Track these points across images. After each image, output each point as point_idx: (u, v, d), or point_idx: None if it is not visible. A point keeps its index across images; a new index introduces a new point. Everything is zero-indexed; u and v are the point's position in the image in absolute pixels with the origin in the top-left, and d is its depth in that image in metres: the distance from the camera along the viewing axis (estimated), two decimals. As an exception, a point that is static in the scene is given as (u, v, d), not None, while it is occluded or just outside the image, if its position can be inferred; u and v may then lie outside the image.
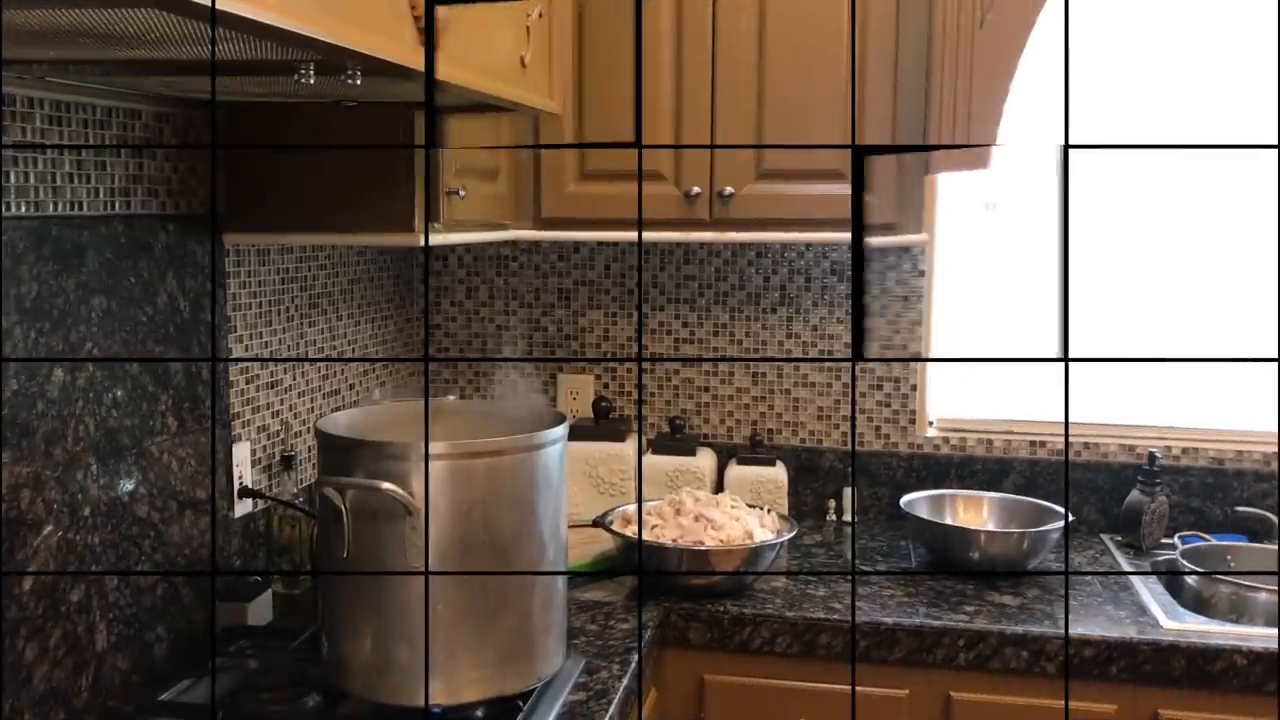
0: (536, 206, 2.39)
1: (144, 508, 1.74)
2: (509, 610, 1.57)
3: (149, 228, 1.74)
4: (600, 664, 1.82)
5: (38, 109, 1.52)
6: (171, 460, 1.81)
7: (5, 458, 1.45)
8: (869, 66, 2.27)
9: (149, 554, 1.75)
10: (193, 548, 1.87)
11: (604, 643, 1.91)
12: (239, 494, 2.00)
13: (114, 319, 1.66)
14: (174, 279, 1.80)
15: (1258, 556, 2.38)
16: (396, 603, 1.52)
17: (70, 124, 1.58)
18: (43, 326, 1.52)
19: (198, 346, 1.87)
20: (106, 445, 1.65)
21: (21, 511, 1.48)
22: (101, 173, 1.65)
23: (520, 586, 1.58)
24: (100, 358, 1.61)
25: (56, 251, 1.55)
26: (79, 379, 1.59)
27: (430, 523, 1.49)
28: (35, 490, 1.51)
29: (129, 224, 1.70)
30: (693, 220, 2.35)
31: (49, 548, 1.53)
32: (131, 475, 1.70)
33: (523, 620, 1.59)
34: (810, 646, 2.04)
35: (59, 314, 1.55)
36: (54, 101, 1.55)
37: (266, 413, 2.11)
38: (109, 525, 1.66)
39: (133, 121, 1.71)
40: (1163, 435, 2.58)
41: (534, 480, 1.59)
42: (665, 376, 2.77)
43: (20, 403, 1.48)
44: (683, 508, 2.22)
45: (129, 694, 1.68)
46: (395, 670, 1.54)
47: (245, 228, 1.93)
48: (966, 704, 2.02)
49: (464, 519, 1.52)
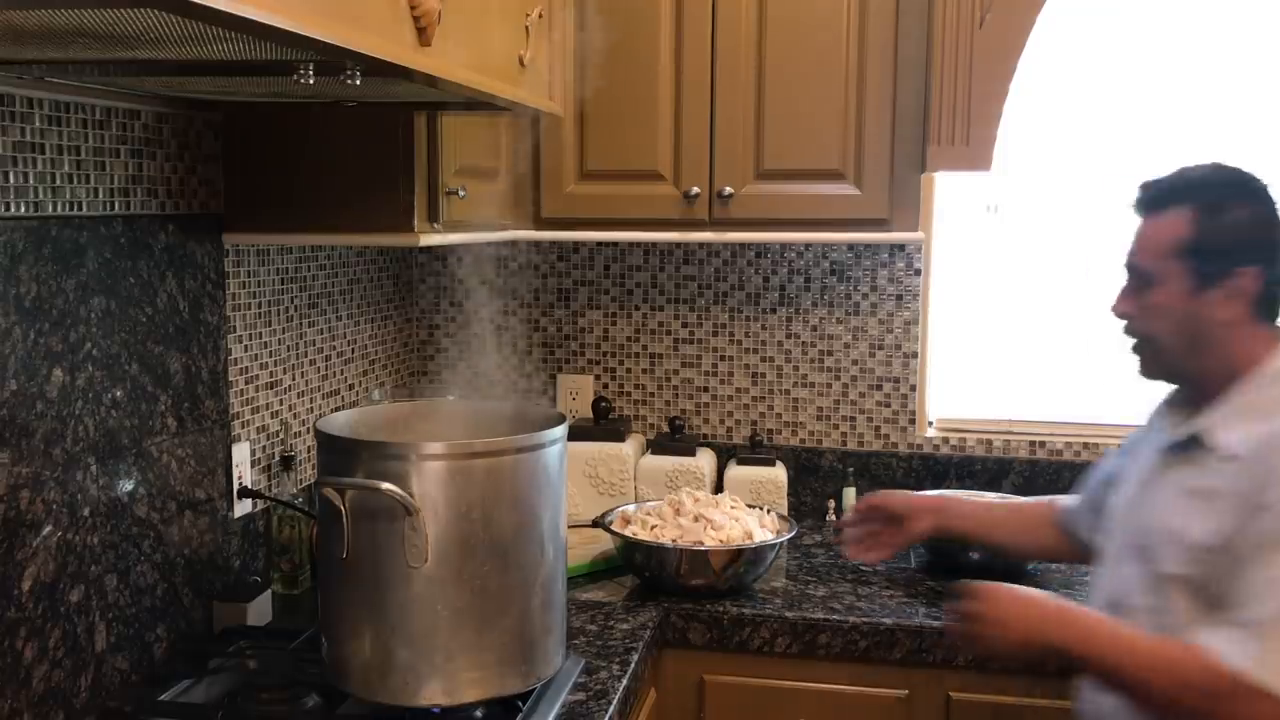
0: (536, 206, 2.39)
1: (144, 508, 1.74)
2: (509, 610, 1.57)
3: (149, 228, 1.74)
4: (600, 664, 1.82)
5: (37, 109, 1.52)
6: (171, 460, 1.81)
7: (5, 458, 1.46)
8: (869, 67, 2.27)
9: (148, 554, 1.75)
10: (192, 548, 1.87)
11: (604, 643, 1.91)
12: (239, 494, 2.00)
13: (114, 319, 1.66)
14: (174, 279, 1.80)
15: None
16: (396, 603, 1.52)
17: (70, 124, 1.58)
18: (42, 326, 1.52)
19: (197, 346, 1.87)
20: (106, 445, 1.65)
21: (21, 511, 1.48)
22: (101, 173, 1.65)
23: (520, 587, 1.58)
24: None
25: (56, 251, 1.55)
26: (79, 379, 1.59)
27: (430, 523, 1.49)
28: (35, 490, 1.51)
29: (129, 224, 1.70)
30: (693, 220, 2.35)
31: (48, 548, 1.53)
32: (131, 475, 1.71)
33: (523, 620, 1.59)
34: (810, 646, 2.04)
35: (59, 314, 1.55)
36: (54, 101, 1.55)
37: (266, 413, 2.11)
38: (109, 525, 1.65)
39: (133, 121, 1.71)
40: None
41: (534, 480, 1.59)
42: (665, 376, 2.77)
43: (20, 403, 1.48)
44: (682, 508, 2.22)
45: (129, 694, 1.67)
46: (395, 670, 1.54)
47: (245, 228, 1.94)
48: (966, 704, 2.02)
49: (464, 519, 1.52)
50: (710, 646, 2.08)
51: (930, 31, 2.22)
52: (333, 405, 2.37)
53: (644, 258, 2.76)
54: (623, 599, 2.13)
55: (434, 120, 1.89)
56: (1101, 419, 2.62)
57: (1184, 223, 1.59)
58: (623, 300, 2.78)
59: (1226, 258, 1.57)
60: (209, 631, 1.90)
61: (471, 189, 2.00)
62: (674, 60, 2.32)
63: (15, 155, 1.48)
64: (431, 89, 1.43)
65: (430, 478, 1.50)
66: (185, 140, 1.83)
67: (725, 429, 2.76)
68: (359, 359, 2.51)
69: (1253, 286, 1.57)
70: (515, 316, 2.83)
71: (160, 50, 1.17)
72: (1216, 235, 1.57)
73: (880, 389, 2.69)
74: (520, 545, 1.58)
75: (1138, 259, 1.64)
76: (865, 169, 2.29)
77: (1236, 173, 1.64)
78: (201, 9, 0.85)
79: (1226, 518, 1.50)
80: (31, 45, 1.16)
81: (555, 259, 2.80)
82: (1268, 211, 1.59)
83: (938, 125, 2.22)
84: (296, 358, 2.21)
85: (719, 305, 2.74)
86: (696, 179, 2.33)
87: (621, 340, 2.79)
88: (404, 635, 1.53)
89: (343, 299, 2.41)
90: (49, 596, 1.53)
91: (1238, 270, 1.57)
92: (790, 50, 2.28)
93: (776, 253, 2.70)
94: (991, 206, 2.68)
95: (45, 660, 1.53)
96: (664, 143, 2.34)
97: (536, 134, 2.34)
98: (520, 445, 1.58)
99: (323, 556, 1.66)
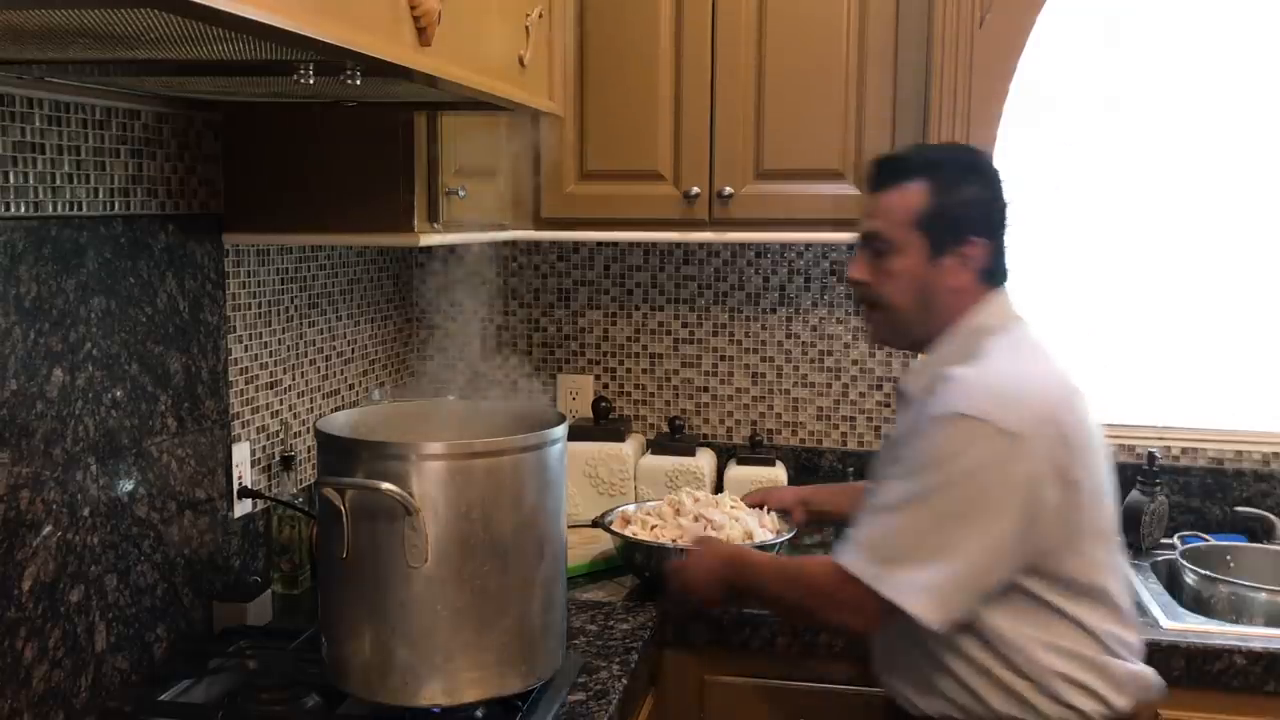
0: (536, 206, 2.39)
1: (144, 508, 1.74)
2: (509, 610, 1.57)
3: (149, 228, 1.74)
4: (600, 664, 1.82)
5: (37, 109, 1.52)
6: (171, 460, 1.81)
7: (5, 458, 1.46)
8: (869, 67, 2.27)
9: (148, 554, 1.75)
10: (192, 548, 1.87)
11: (604, 643, 1.91)
12: (239, 494, 2.00)
13: (114, 319, 1.66)
14: (174, 279, 1.80)
15: (1257, 556, 2.38)
16: (396, 603, 1.52)
17: (70, 124, 1.58)
18: (42, 326, 1.52)
19: (197, 346, 1.87)
20: (106, 445, 1.65)
21: (21, 511, 1.48)
22: (101, 173, 1.65)
23: (520, 587, 1.58)
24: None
25: (56, 251, 1.55)
26: (78, 379, 1.59)
27: (430, 523, 1.49)
28: (35, 490, 1.51)
29: (129, 224, 1.70)
30: (693, 220, 2.35)
31: (48, 548, 1.53)
32: (131, 475, 1.71)
33: (522, 620, 1.59)
34: (810, 646, 2.04)
35: (59, 314, 1.55)
36: (54, 101, 1.55)
37: (266, 413, 2.11)
38: (109, 525, 1.65)
39: (133, 121, 1.71)
40: (1162, 435, 2.58)
41: (534, 480, 1.59)
42: (665, 376, 2.77)
43: (20, 403, 1.48)
44: (682, 508, 2.22)
45: (129, 694, 1.67)
46: (395, 670, 1.54)
47: (245, 228, 1.93)
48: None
49: (464, 519, 1.52)
50: (710, 646, 2.08)
51: (930, 31, 2.22)
52: (333, 405, 2.37)
53: (644, 258, 2.76)
54: (623, 599, 2.13)
55: (434, 120, 1.88)
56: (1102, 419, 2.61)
57: (923, 194, 1.68)
58: (623, 300, 2.78)
59: (959, 229, 1.67)
60: (209, 631, 1.90)
61: (471, 189, 2.00)
62: (674, 60, 2.32)
63: (15, 155, 1.48)
64: (431, 89, 1.43)
65: (430, 478, 1.50)
66: (185, 140, 1.83)
67: (725, 429, 2.76)
68: (359, 359, 2.51)
69: (980, 256, 1.68)
70: (515, 316, 2.83)
71: (160, 50, 1.17)
72: (951, 208, 1.68)
73: (880, 389, 2.69)
74: (520, 545, 1.58)
75: (879, 227, 1.72)
76: (865, 169, 2.28)
77: (969, 152, 1.80)
78: (201, 9, 0.85)
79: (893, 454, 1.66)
80: (31, 45, 1.16)
81: (555, 259, 2.80)
82: (994, 189, 1.72)
83: (938, 125, 2.22)
84: (296, 358, 2.21)
85: (719, 305, 2.74)
86: (696, 179, 2.33)
87: (621, 340, 2.79)
88: (404, 635, 1.53)
89: (342, 299, 2.41)
90: (49, 596, 1.53)
91: (969, 240, 1.67)
92: (790, 50, 2.28)
93: (776, 253, 2.70)
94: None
95: (45, 660, 1.53)
96: (664, 143, 2.34)
97: (536, 134, 2.33)
98: (520, 445, 1.58)
99: (323, 556, 1.66)
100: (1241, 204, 2.54)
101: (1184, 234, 2.58)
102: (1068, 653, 1.60)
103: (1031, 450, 1.53)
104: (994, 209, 1.72)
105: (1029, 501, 1.54)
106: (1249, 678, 1.93)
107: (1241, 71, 2.49)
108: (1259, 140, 2.50)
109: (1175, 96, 2.52)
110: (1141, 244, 2.60)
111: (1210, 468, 2.54)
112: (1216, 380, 2.60)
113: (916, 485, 1.57)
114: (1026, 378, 1.61)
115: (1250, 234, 2.55)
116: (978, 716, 1.63)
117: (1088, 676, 1.60)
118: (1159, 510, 2.42)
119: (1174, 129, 2.53)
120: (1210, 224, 2.56)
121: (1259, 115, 2.50)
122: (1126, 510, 2.46)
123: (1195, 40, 2.49)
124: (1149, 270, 2.60)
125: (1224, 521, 2.52)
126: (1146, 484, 2.42)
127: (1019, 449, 1.53)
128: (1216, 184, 2.54)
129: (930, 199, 1.67)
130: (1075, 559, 1.59)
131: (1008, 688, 1.60)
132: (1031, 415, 1.55)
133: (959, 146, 1.86)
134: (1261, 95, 2.50)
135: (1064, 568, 1.59)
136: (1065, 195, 2.63)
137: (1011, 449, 1.52)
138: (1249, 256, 2.56)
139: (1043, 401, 1.58)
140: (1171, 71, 2.51)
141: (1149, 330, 2.62)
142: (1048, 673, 1.59)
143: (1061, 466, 1.55)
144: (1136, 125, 2.54)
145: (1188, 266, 2.59)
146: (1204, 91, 2.51)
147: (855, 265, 1.76)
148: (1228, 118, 2.51)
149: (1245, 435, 2.55)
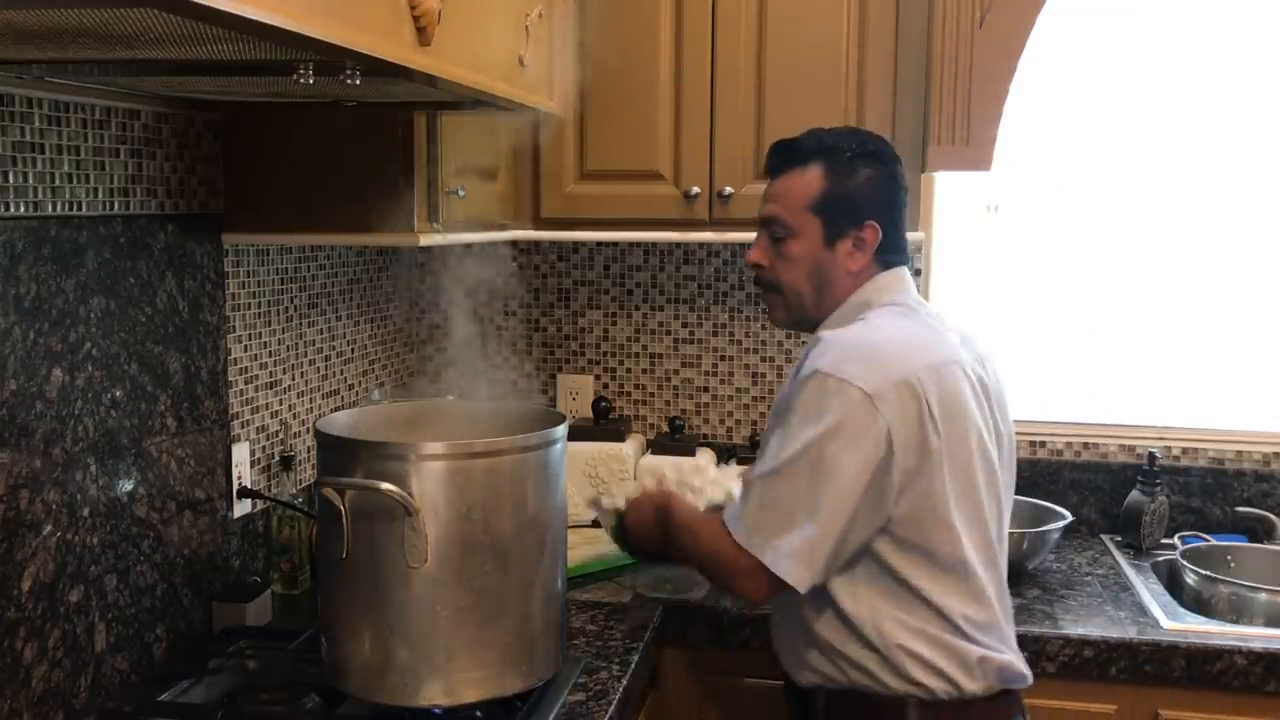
0: (536, 206, 2.39)
1: (143, 508, 1.74)
2: (509, 610, 1.57)
3: (148, 228, 1.74)
4: (600, 664, 1.82)
5: (37, 109, 1.52)
6: (171, 460, 1.81)
7: (5, 458, 1.45)
8: (869, 66, 2.27)
9: (148, 554, 1.75)
10: (192, 548, 1.87)
11: (604, 643, 1.91)
12: (239, 494, 2.00)
13: (113, 319, 1.66)
14: (173, 279, 1.80)
15: (1258, 557, 2.38)
16: (396, 603, 1.52)
17: (70, 124, 1.58)
18: (42, 326, 1.52)
19: (197, 346, 1.87)
20: (106, 445, 1.65)
21: (21, 511, 1.48)
22: (101, 173, 1.64)
23: (520, 587, 1.58)
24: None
25: (56, 251, 1.54)
26: (78, 379, 1.59)
27: (430, 523, 1.49)
28: (34, 490, 1.51)
29: (128, 224, 1.70)
30: (693, 220, 2.35)
31: (48, 548, 1.53)
32: (131, 475, 1.70)
33: (523, 620, 1.59)
34: (810, 647, 2.04)
35: (58, 314, 1.55)
36: (54, 101, 1.55)
37: (266, 413, 2.11)
38: (108, 525, 1.65)
39: (132, 121, 1.71)
40: (1163, 435, 2.58)
41: (534, 480, 1.59)
42: (665, 376, 2.77)
43: (20, 403, 1.48)
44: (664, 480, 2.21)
45: (128, 694, 1.67)
46: (395, 670, 1.53)
47: (245, 228, 1.93)
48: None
49: (464, 519, 1.52)
50: (710, 646, 2.08)
51: (930, 32, 2.22)
52: (333, 405, 2.37)
53: (644, 258, 2.76)
54: (622, 599, 2.13)
55: (434, 120, 1.88)
56: (1102, 419, 2.62)
57: (818, 179, 1.71)
58: (623, 300, 2.78)
59: (854, 212, 1.70)
60: (209, 631, 1.90)
61: (471, 189, 2.00)
62: (674, 60, 2.32)
63: (15, 155, 1.48)
64: (431, 89, 1.43)
65: (430, 478, 1.50)
66: (185, 140, 1.83)
67: (725, 429, 2.76)
68: (359, 359, 2.50)
69: (874, 239, 1.70)
70: (515, 316, 2.83)
71: (160, 50, 1.17)
72: (846, 191, 1.70)
73: (880, 389, 2.68)
74: (520, 545, 1.58)
75: (777, 212, 1.73)
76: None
77: (866, 136, 1.79)
78: (201, 9, 0.85)
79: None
80: (31, 45, 1.16)
81: (555, 259, 2.80)
82: (888, 174, 1.74)
83: (938, 125, 2.22)
84: (296, 358, 2.21)
85: (719, 305, 2.74)
86: (696, 179, 2.33)
87: (621, 340, 2.79)
88: (404, 635, 1.53)
89: (342, 299, 2.41)
90: (49, 596, 1.53)
91: (864, 224, 1.70)
92: (790, 50, 2.28)
93: (776, 253, 2.70)
94: (991, 206, 2.68)
95: (45, 660, 1.53)
96: (664, 143, 2.34)
97: (536, 134, 2.34)
98: (520, 445, 1.58)
99: (322, 557, 1.66)
100: (1241, 204, 2.54)
101: (1184, 234, 2.58)
102: (915, 630, 1.59)
103: (884, 411, 1.53)
104: (889, 192, 1.73)
105: (881, 463, 1.54)
106: (1249, 678, 1.93)
107: (1242, 71, 2.49)
108: (1259, 140, 2.50)
109: (1175, 96, 2.52)
110: (1142, 244, 2.60)
111: (1210, 468, 2.54)
112: (1216, 380, 2.60)
113: (786, 449, 1.57)
114: (890, 343, 1.62)
115: (1250, 234, 2.55)
116: (840, 686, 1.65)
117: (934, 655, 1.59)
118: (1159, 510, 2.42)
119: (1174, 129, 2.53)
120: (1210, 224, 2.56)
121: (1259, 115, 2.50)
122: (1127, 510, 2.47)
123: (1195, 40, 2.49)
124: (1149, 270, 2.61)
125: (1224, 522, 2.52)
126: (1147, 484, 2.42)
127: (872, 409, 1.53)
128: (1217, 184, 2.54)
129: (825, 183, 1.70)
130: (940, 531, 1.58)
131: (858, 659, 1.62)
132: (887, 377, 1.55)
133: (855, 130, 1.85)
134: (1262, 95, 2.50)
135: (926, 538, 1.58)
136: (1065, 195, 2.63)
137: (865, 408, 1.53)
138: (1249, 256, 2.57)
139: (903, 365, 1.57)
140: (1172, 71, 2.51)
141: (1149, 330, 2.62)
142: (894, 647, 1.59)
143: (916, 432, 1.55)
144: (1137, 125, 2.55)
145: (1188, 266, 2.59)
146: (1204, 91, 2.51)
147: (754, 250, 1.77)
148: (1228, 118, 2.51)
149: (1245, 435, 2.55)
